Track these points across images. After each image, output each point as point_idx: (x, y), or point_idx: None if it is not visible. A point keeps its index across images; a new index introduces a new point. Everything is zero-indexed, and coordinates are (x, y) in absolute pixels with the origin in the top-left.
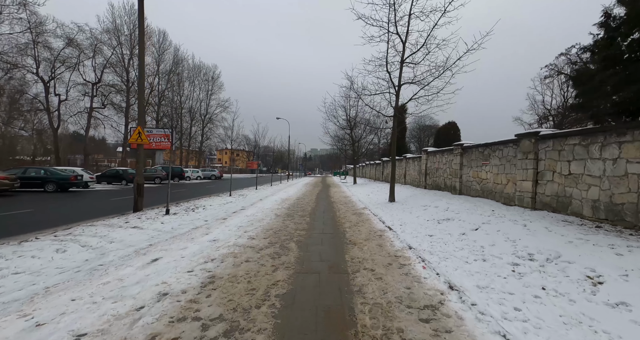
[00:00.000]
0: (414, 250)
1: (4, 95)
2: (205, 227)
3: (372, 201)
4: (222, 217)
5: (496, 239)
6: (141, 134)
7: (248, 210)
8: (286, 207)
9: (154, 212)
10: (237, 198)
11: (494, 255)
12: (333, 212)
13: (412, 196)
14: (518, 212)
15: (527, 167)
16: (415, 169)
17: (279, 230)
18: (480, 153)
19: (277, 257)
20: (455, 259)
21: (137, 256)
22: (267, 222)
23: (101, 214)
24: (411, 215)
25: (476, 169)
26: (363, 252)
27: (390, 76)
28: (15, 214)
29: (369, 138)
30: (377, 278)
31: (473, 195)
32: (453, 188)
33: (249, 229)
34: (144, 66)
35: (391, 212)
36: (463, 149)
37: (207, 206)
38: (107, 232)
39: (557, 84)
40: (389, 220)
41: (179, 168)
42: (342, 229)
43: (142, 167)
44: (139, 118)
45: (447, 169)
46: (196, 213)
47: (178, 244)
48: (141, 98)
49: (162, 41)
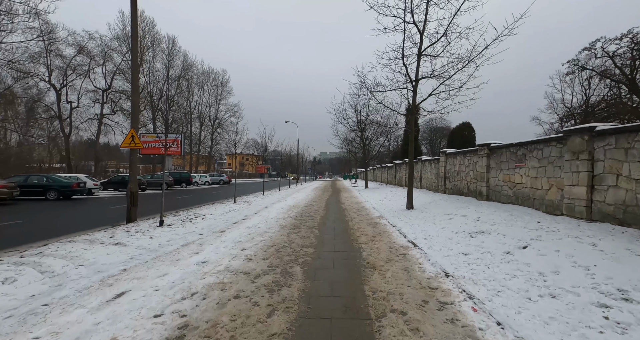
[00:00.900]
0: (452, 278)
1: (21, 105)
2: (198, 243)
3: (388, 208)
4: (220, 229)
5: (559, 263)
6: (134, 138)
7: (250, 220)
8: (293, 216)
9: (147, 223)
10: (241, 205)
11: (564, 288)
12: (345, 222)
13: (432, 202)
14: (572, 224)
15: (578, 170)
16: (432, 172)
17: (282, 247)
18: (512, 154)
19: (277, 289)
20: (512, 294)
21: (100, 288)
22: (270, 236)
23: (92, 225)
24: (435, 226)
25: (507, 172)
26: (386, 280)
27: (407, 70)
28: (1, 226)
29: (380, 140)
30: (413, 329)
31: (504, 201)
32: (478, 193)
33: (247, 245)
34: (137, 67)
35: (411, 222)
36: (490, 149)
37: (207, 215)
38: (82, 251)
39: (577, 81)
40: (410, 232)
41: (187, 173)
42: (356, 245)
43: (136, 173)
44: (132, 121)
45: (470, 172)
46: (193, 224)
47: (157, 269)
48: (135, 99)
49: (172, 47)
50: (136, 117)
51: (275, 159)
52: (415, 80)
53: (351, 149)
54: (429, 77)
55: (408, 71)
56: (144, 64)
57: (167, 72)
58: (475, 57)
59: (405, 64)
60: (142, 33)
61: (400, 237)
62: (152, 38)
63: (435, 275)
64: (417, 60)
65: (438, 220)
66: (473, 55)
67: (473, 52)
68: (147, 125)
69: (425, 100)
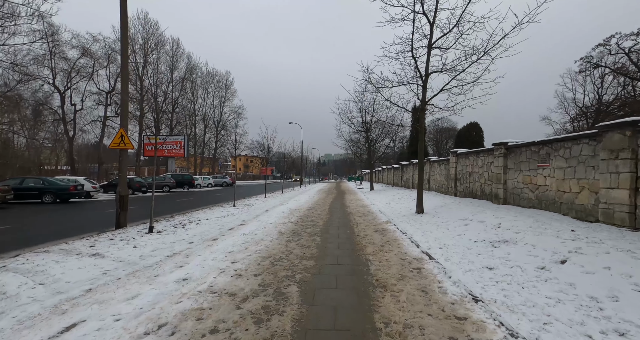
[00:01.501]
0: (482, 304)
1: (28, 108)
2: (185, 254)
3: (396, 212)
4: (212, 236)
5: (614, 284)
6: (124, 138)
7: (248, 226)
8: (294, 221)
9: (137, 229)
10: (241, 208)
11: (632, 323)
12: (350, 228)
13: (443, 206)
14: (616, 234)
15: (618, 170)
16: (441, 174)
17: (278, 259)
18: (534, 153)
19: (266, 318)
20: (563, 328)
21: (48, 318)
22: (266, 245)
23: (80, 231)
24: (450, 233)
25: (528, 173)
26: (401, 306)
27: (417, 63)
28: None
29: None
30: None
31: (524, 205)
32: (494, 196)
33: (239, 257)
34: (127, 61)
35: (422, 228)
36: (507, 148)
37: (203, 220)
38: (52, 264)
39: (589, 80)
40: (422, 241)
41: (189, 175)
42: (363, 257)
43: (125, 175)
44: (121, 119)
45: (484, 173)
46: (185, 231)
47: (128, 289)
48: (124, 98)
49: (176, 49)
50: (125, 115)
51: (280, 161)
52: (425, 74)
53: (356, 150)
54: (440, 71)
55: (417, 65)
56: (148, 66)
57: (172, 74)
58: (491, 49)
59: (414, 57)
60: (146, 35)
61: (412, 246)
62: (156, 40)
63: (460, 298)
64: (427, 52)
65: (452, 227)
66: (489, 46)
67: (490, 42)
68: (151, 127)
69: (436, 96)
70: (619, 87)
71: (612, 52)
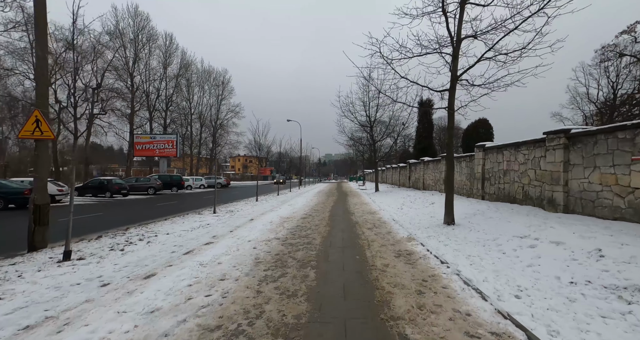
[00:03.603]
0: None
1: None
2: (69, 316)
3: (414, 221)
4: (150, 270)
5: None
6: (41, 123)
7: (215, 247)
8: (282, 238)
9: (56, 253)
10: (221, 216)
11: None
12: (360, 251)
13: (475, 214)
14: None
15: None
16: (462, 173)
17: (235, 331)
18: (621, 142)
19: None
20: None
21: None
22: (226, 290)
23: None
24: (510, 261)
25: (612, 170)
26: None
27: (447, 22)
28: None
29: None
30: None
31: (604, 215)
32: (548, 201)
33: (163, 325)
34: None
35: (463, 249)
36: (569, 138)
37: (161, 236)
38: None
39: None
40: (480, 279)
41: (178, 176)
42: (394, 330)
43: (45, 176)
44: (37, 95)
45: (527, 171)
46: (121, 256)
47: None
48: (42, 50)
49: (169, 44)
50: (44, 93)
51: (280, 161)
52: (457, 39)
53: (358, 148)
54: (474, 36)
55: (448, 25)
56: (139, 61)
57: (165, 70)
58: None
59: (445, 12)
60: (137, 29)
61: (468, 292)
62: (147, 35)
63: None
64: (459, 8)
65: (509, 249)
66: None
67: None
68: (144, 125)
69: (472, 67)
70: (635, 81)
71: (637, 39)
